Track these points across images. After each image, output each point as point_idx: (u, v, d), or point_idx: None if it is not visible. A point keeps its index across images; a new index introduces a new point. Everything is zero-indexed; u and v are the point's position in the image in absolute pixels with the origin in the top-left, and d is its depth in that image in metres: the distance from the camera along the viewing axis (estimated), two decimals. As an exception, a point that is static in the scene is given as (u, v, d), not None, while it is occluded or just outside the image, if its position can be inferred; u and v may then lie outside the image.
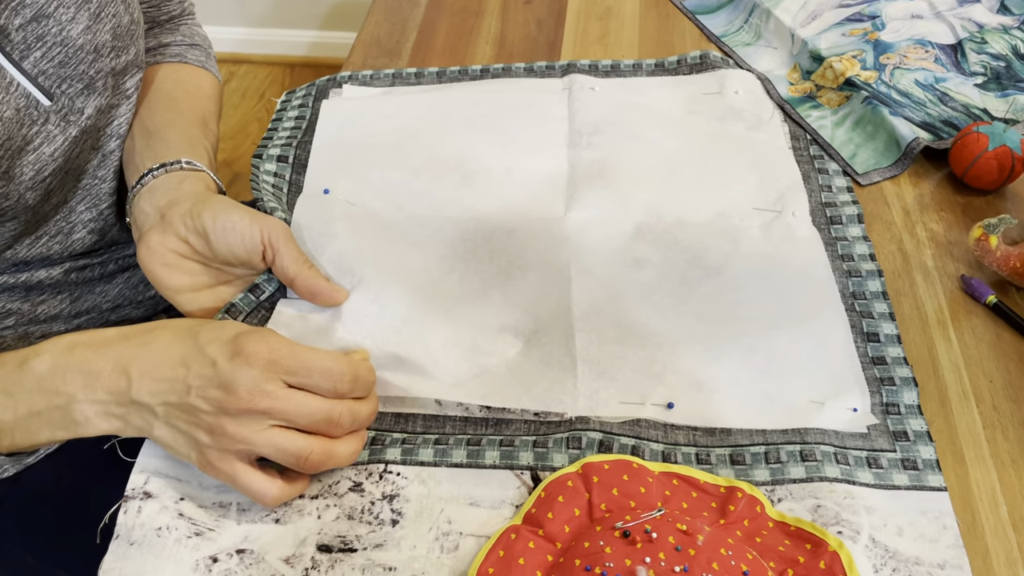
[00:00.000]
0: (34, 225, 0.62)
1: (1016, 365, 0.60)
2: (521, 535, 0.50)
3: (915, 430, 0.56)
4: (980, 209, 0.72)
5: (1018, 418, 0.57)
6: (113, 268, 0.73)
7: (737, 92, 0.83)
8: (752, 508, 0.52)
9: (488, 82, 0.86)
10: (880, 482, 0.54)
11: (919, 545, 0.51)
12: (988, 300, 0.64)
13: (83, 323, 0.73)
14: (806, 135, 0.80)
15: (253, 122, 2.20)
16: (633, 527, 0.48)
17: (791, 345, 0.61)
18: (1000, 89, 0.82)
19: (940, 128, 0.78)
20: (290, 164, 0.76)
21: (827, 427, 0.56)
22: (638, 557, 0.46)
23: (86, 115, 0.62)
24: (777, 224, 0.70)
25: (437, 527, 0.53)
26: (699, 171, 0.75)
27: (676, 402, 0.58)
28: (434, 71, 0.89)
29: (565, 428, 0.57)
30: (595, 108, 0.81)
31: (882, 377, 0.59)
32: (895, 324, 0.62)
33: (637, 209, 0.71)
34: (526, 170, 0.75)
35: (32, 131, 0.58)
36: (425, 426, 0.58)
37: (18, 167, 0.57)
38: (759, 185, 0.73)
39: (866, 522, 0.52)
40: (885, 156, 0.76)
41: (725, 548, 0.48)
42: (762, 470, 0.54)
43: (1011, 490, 0.54)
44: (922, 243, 0.69)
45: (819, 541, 0.50)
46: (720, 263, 0.67)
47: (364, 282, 0.63)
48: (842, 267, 0.67)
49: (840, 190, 0.74)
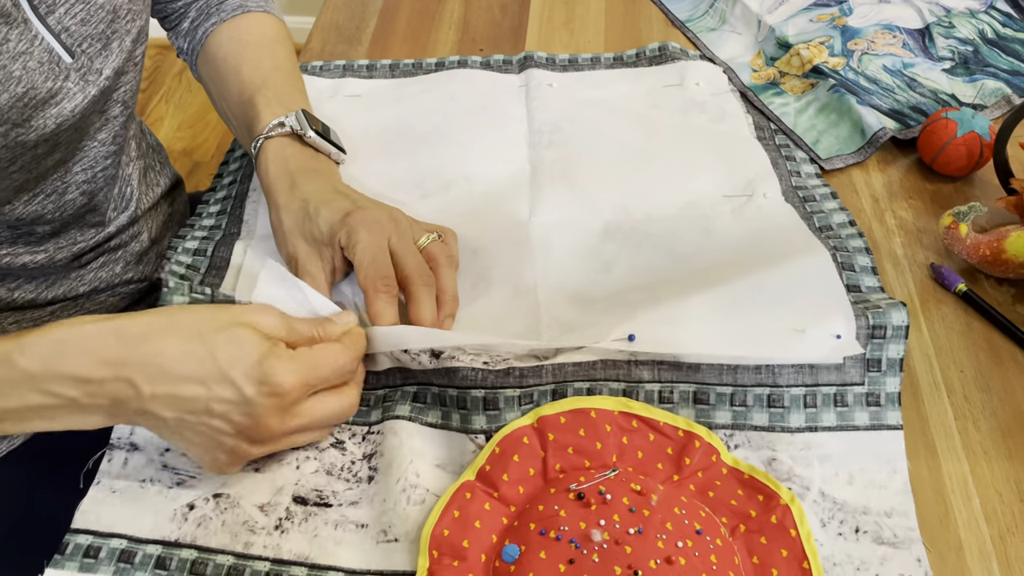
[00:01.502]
0: (34, 181, 0.62)
1: (987, 354, 0.60)
2: (476, 495, 0.50)
3: (890, 357, 0.56)
4: (949, 196, 0.71)
5: (989, 408, 0.57)
6: (90, 256, 0.72)
7: (698, 84, 0.82)
8: (708, 457, 0.52)
9: (443, 83, 0.83)
10: (842, 423, 0.54)
11: (868, 492, 0.52)
12: (958, 289, 0.63)
13: (57, 310, 0.72)
14: (771, 125, 0.78)
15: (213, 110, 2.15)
16: (587, 489, 0.49)
17: (769, 277, 0.60)
18: (968, 74, 0.81)
19: (908, 115, 0.77)
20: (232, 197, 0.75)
21: (806, 359, 0.55)
22: (592, 520, 0.47)
23: (104, 76, 0.62)
24: (749, 207, 0.68)
25: (405, 479, 0.53)
26: (665, 165, 0.73)
27: (640, 334, 0.56)
28: (387, 64, 0.86)
29: (515, 380, 0.55)
30: (554, 105, 0.79)
31: (866, 306, 0.58)
32: (877, 278, 0.61)
33: (604, 208, 0.69)
34: (487, 176, 0.72)
35: (56, 85, 0.58)
36: (403, 378, 0.58)
37: (40, 118, 0.57)
38: (727, 174, 0.72)
39: (817, 475, 0.53)
40: (848, 143, 0.76)
41: (679, 507, 0.48)
42: (724, 412, 0.54)
43: (983, 482, 0.53)
44: (891, 231, 0.69)
45: (771, 493, 0.51)
46: (693, 252, 0.65)
47: None
48: (822, 237, 0.65)
49: (809, 175, 0.73)
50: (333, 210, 0.61)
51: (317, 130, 0.68)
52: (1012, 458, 0.54)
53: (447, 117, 0.78)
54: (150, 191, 0.77)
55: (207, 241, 0.69)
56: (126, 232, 0.74)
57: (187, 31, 0.78)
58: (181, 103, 2.15)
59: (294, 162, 0.66)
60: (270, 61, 0.74)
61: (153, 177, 0.78)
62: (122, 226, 0.73)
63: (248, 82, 0.71)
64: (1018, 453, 0.54)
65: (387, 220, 0.60)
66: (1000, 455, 0.54)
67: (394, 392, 0.58)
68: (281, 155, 0.66)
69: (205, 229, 0.71)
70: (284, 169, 0.65)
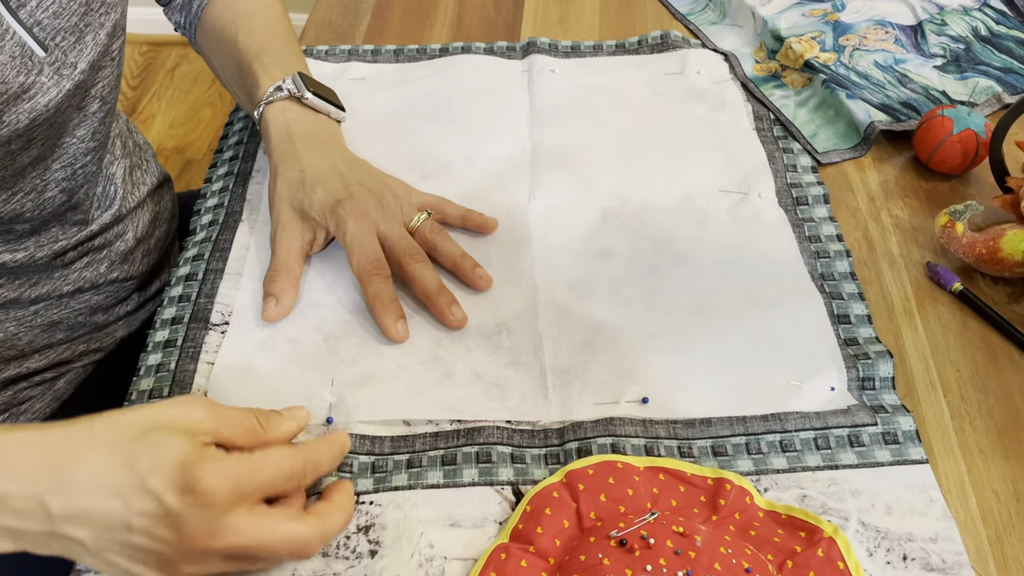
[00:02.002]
0: (11, 180, 0.62)
1: (983, 353, 0.60)
2: (512, 554, 0.48)
3: (891, 404, 0.56)
4: (944, 195, 0.71)
5: (985, 408, 0.57)
6: (73, 255, 0.71)
7: (699, 72, 0.82)
8: (742, 499, 0.51)
9: (445, 68, 0.83)
10: (863, 461, 0.53)
11: (909, 521, 0.50)
12: (954, 288, 0.63)
13: (41, 309, 0.71)
14: (770, 115, 0.79)
15: (205, 107, 2.14)
16: (629, 534, 0.47)
17: (763, 328, 0.60)
18: (959, 72, 0.81)
19: (899, 110, 0.77)
20: (235, 175, 0.75)
21: (806, 409, 0.56)
22: (638, 566, 0.45)
23: (79, 69, 0.62)
24: (744, 206, 0.69)
25: (419, 552, 0.50)
26: (663, 154, 0.74)
27: (651, 396, 0.57)
28: (391, 49, 0.86)
29: (540, 441, 0.55)
30: (556, 90, 0.80)
31: (856, 354, 0.59)
32: (865, 304, 0.62)
33: (602, 194, 0.70)
34: (488, 156, 0.73)
35: (29, 79, 0.57)
36: (394, 446, 0.55)
37: (12, 113, 0.57)
38: (724, 167, 0.73)
39: (853, 507, 0.51)
40: (845, 139, 0.76)
41: (724, 547, 0.47)
42: (745, 460, 0.54)
43: (980, 482, 0.53)
44: (887, 230, 0.69)
45: (813, 528, 0.49)
46: (688, 249, 0.66)
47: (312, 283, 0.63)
48: (810, 248, 0.66)
49: (805, 170, 0.73)
50: (327, 192, 0.63)
51: (315, 91, 0.69)
52: (1008, 457, 0.54)
53: (449, 99, 0.79)
54: (136, 190, 0.77)
55: (213, 226, 0.70)
56: (110, 231, 0.73)
57: (182, 5, 0.79)
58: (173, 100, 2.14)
59: (295, 127, 0.68)
60: (264, 26, 0.75)
61: (139, 176, 0.78)
62: (106, 224, 0.72)
63: (245, 50, 0.72)
64: (1015, 452, 0.54)
65: (374, 207, 0.63)
66: (996, 455, 0.54)
67: (383, 461, 0.54)
68: (282, 119, 0.68)
69: (210, 211, 0.72)
70: (285, 133, 0.67)
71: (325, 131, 0.69)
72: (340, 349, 0.60)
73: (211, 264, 0.66)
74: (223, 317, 0.62)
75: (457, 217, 0.67)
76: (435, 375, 0.58)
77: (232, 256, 0.67)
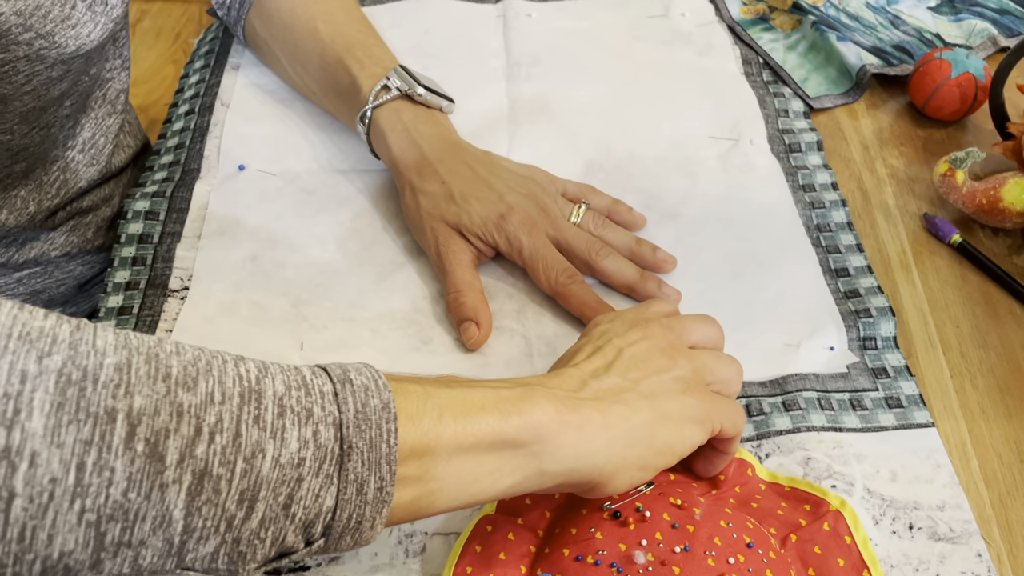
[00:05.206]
0: (36, 113, 0.59)
1: (983, 309, 0.57)
2: (498, 526, 0.45)
3: (893, 365, 0.54)
4: (941, 143, 0.68)
5: (986, 365, 0.54)
6: (62, 215, 0.68)
7: (684, 14, 0.79)
8: (743, 472, 0.48)
9: (415, 14, 0.78)
10: (867, 425, 0.51)
11: (915, 488, 0.48)
12: (952, 240, 0.60)
13: (25, 277, 0.68)
14: (758, 59, 0.75)
15: (168, 64, 2.06)
16: (623, 507, 0.44)
17: (757, 291, 0.57)
18: (954, 13, 0.78)
19: (891, 53, 0.74)
20: (191, 130, 0.70)
21: (805, 371, 0.53)
22: (633, 540, 0.42)
23: (111, 5, 0.58)
24: (735, 153, 0.66)
25: (399, 528, 0.47)
26: (649, 101, 0.71)
27: None
28: None
29: None
30: (533, 37, 0.76)
31: (857, 310, 0.56)
32: (864, 256, 0.59)
33: (586, 145, 0.67)
34: (464, 111, 0.69)
35: (65, 12, 0.54)
36: None
37: (61, 35, 0.54)
38: (713, 112, 0.70)
39: (858, 472, 0.49)
40: (837, 85, 0.73)
41: (724, 520, 0.44)
42: (746, 424, 0.51)
43: (981, 443, 0.51)
44: (882, 180, 0.66)
45: (818, 500, 0.47)
46: (677, 204, 0.63)
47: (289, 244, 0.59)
48: (804, 199, 0.63)
49: (797, 115, 0.70)
50: (483, 205, 0.58)
51: (423, 84, 0.63)
52: (1011, 417, 0.52)
53: (421, 54, 0.74)
54: (120, 151, 0.73)
55: (167, 183, 0.65)
56: (97, 192, 0.70)
57: None
58: (134, 58, 2.05)
59: (416, 131, 0.61)
60: (343, 13, 0.68)
61: (124, 138, 0.74)
62: (93, 181, 0.69)
63: (330, 42, 0.66)
64: (1017, 412, 0.52)
65: (537, 213, 0.58)
66: (999, 414, 0.52)
67: None
68: (399, 124, 0.62)
69: (164, 168, 0.67)
70: (409, 141, 0.61)
71: (444, 129, 0.63)
72: (309, 314, 0.56)
73: (168, 227, 0.62)
74: (183, 283, 0.58)
75: (604, 209, 0.61)
76: (412, 341, 0.55)
77: (190, 217, 0.62)
